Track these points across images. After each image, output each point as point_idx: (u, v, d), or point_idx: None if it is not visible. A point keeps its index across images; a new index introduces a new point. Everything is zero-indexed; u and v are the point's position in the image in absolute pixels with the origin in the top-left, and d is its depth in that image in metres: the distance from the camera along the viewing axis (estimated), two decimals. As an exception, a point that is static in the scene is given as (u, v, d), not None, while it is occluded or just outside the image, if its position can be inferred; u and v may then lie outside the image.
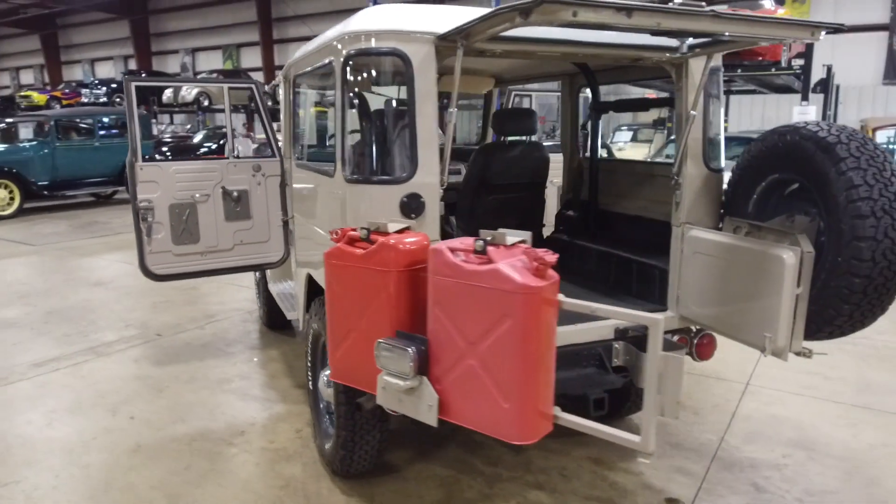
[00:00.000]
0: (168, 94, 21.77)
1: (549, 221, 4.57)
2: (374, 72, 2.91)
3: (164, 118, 25.78)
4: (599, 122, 4.20)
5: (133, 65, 32.01)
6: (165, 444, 3.81)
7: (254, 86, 4.77)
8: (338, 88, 2.85)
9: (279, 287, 5.23)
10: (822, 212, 2.65)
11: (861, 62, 16.67)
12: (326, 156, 3.24)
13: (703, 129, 3.12)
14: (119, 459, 3.65)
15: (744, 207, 3.08)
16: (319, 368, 3.48)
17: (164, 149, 17.40)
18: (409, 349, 2.16)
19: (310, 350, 3.60)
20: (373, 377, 2.33)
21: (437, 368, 2.17)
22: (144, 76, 26.32)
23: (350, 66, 2.80)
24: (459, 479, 3.43)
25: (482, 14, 2.25)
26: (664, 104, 3.38)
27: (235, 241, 4.68)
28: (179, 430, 3.98)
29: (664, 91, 8.70)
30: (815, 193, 2.67)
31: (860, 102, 16.48)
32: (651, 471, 3.52)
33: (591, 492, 3.33)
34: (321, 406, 3.55)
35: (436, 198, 2.74)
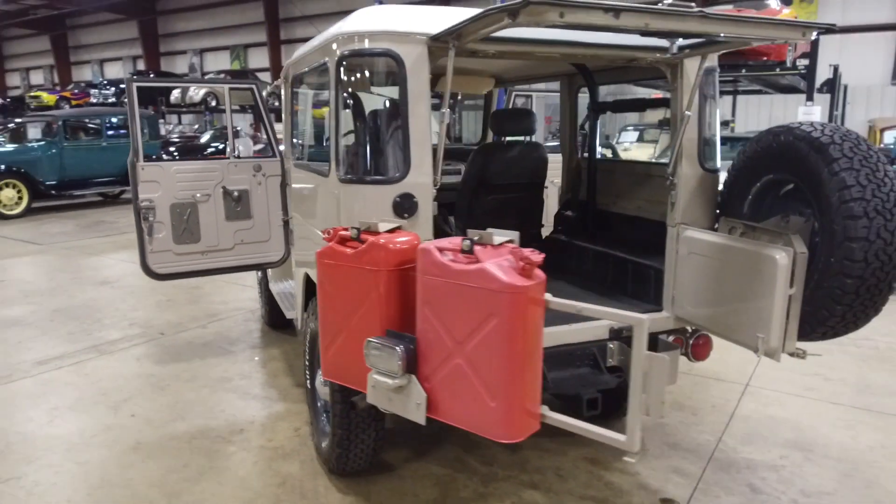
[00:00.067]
0: (176, 95, 21.93)
1: (550, 221, 4.58)
2: (368, 72, 2.93)
3: (173, 118, 25.95)
4: (598, 123, 4.20)
5: (142, 65, 32.20)
6: (165, 442, 3.84)
7: (254, 86, 4.80)
8: (332, 89, 2.88)
9: (280, 286, 5.25)
10: (816, 212, 2.64)
11: (869, 62, 16.56)
12: (323, 156, 3.27)
13: (699, 130, 3.12)
14: (119, 457, 3.68)
15: (739, 208, 3.08)
16: (317, 367, 3.49)
17: (172, 148, 17.50)
18: (398, 348, 2.17)
19: (307, 349, 3.61)
20: (364, 376, 2.34)
21: (426, 367, 2.18)
22: (152, 76, 26.49)
23: (344, 67, 2.82)
24: (455, 478, 3.44)
25: (472, 15, 2.26)
26: (661, 104, 3.38)
27: (236, 241, 4.72)
28: (179, 428, 4.01)
29: (669, 91, 8.65)
30: (809, 194, 2.67)
31: (868, 103, 16.37)
32: (647, 471, 3.52)
33: (587, 491, 3.33)
34: (318, 405, 3.57)
35: (429, 198, 2.75)
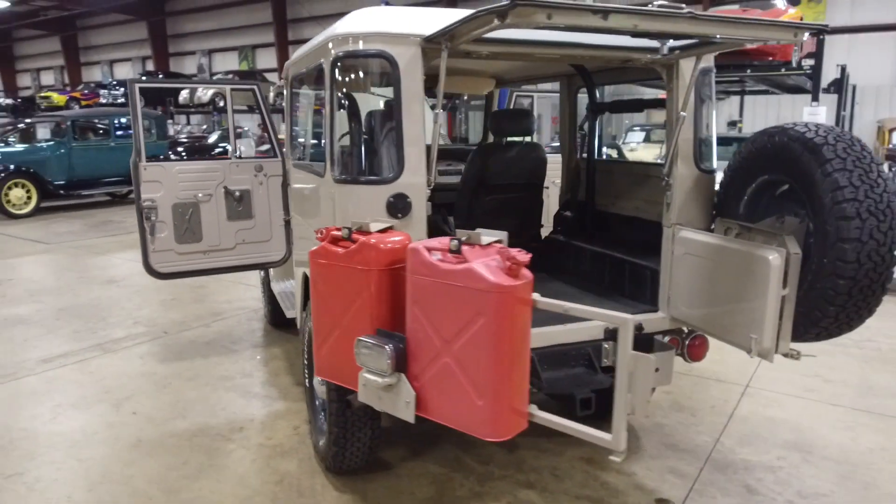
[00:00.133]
0: (184, 95, 22.04)
1: (551, 222, 4.58)
2: (362, 73, 2.95)
3: (182, 118, 26.09)
4: (596, 123, 4.20)
5: (151, 66, 32.39)
6: (165, 440, 3.88)
7: (255, 87, 4.83)
8: (327, 89, 2.90)
9: (281, 286, 5.29)
10: (810, 213, 2.64)
11: (878, 62, 16.40)
12: (319, 156, 3.29)
13: (694, 130, 3.12)
14: (120, 454, 3.72)
15: (735, 208, 3.08)
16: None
17: (180, 149, 17.59)
18: (387, 347, 2.19)
19: (306, 348, 3.64)
20: (356, 374, 2.36)
21: (415, 366, 2.20)
22: (161, 77, 26.65)
23: (338, 68, 2.85)
24: (452, 478, 3.46)
25: (464, 16, 2.28)
26: (659, 105, 3.38)
27: (237, 241, 4.75)
28: (180, 426, 4.05)
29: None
30: (803, 195, 2.66)
31: (877, 103, 16.22)
32: (643, 471, 3.53)
33: (582, 491, 3.34)
34: (317, 403, 3.59)
35: (422, 198, 2.77)
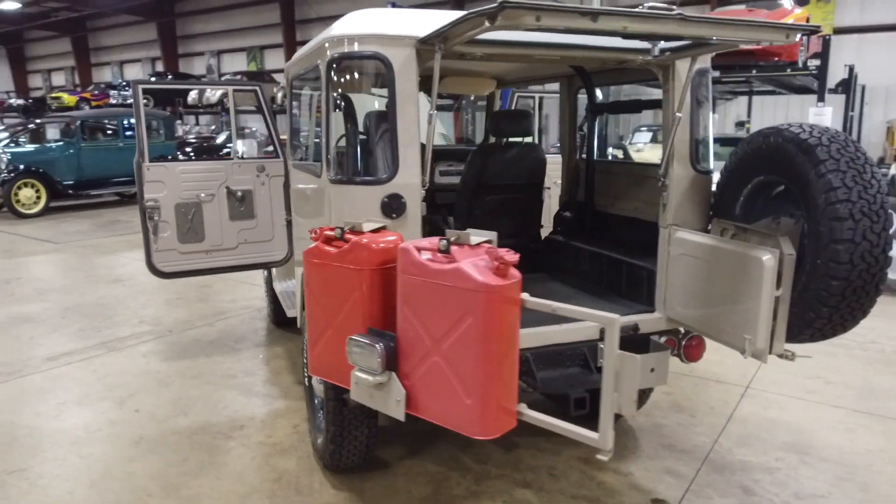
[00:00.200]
0: (193, 96, 22.15)
1: (552, 222, 4.59)
2: (357, 75, 2.97)
3: (191, 119, 26.25)
4: (595, 124, 4.21)
5: (160, 67, 32.58)
6: (167, 437, 3.92)
7: (257, 88, 4.87)
8: (324, 90, 2.93)
9: (283, 285, 5.32)
10: (804, 214, 2.64)
11: (888, 62, 16.24)
12: (317, 156, 3.32)
13: (691, 131, 3.12)
14: (121, 451, 3.76)
15: (732, 209, 3.08)
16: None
17: (188, 149, 17.69)
18: (378, 346, 2.21)
19: (305, 347, 3.67)
20: (349, 373, 2.38)
21: (406, 365, 2.22)
22: (170, 77, 26.80)
23: (334, 69, 2.87)
24: (448, 476, 3.48)
25: (455, 18, 2.29)
26: (656, 106, 3.38)
27: (239, 240, 4.79)
28: (181, 424, 4.09)
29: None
30: (798, 195, 2.67)
31: (887, 103, 16.09)
32: (640, 471, 3.53)
33: (579, 491, 3.35)
34: (315, 402, 3.62)
35: (417, 198, 2.79)
